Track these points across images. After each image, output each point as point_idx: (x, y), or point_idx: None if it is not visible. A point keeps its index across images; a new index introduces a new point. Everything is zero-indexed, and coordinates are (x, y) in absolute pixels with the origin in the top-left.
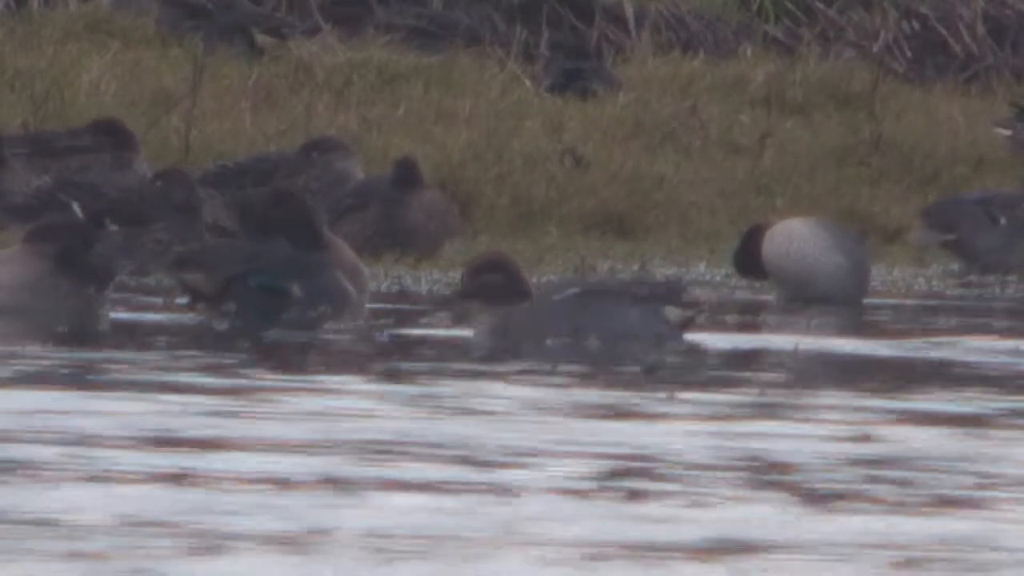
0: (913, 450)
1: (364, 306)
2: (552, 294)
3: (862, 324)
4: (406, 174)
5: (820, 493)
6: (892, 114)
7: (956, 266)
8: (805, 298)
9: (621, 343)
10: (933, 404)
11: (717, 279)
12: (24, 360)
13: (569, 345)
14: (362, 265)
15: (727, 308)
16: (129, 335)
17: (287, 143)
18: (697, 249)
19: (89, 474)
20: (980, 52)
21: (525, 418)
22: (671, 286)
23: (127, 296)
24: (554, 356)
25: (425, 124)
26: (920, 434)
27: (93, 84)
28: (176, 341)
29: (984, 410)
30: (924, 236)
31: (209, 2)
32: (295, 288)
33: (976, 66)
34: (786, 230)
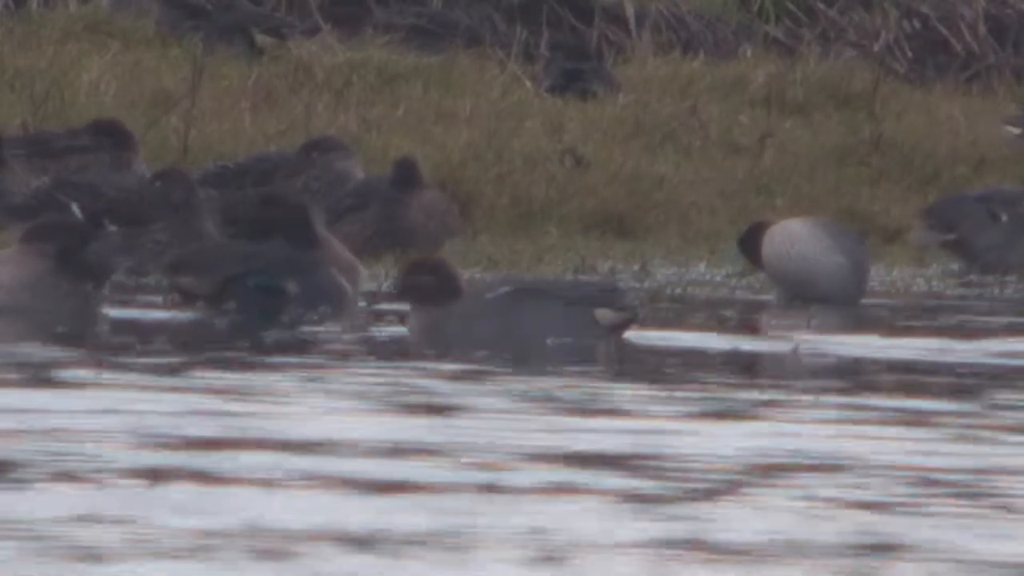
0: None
1: (358, 302)
2: (484, 292)
3: (861, 324)
4: (406, 174)
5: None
6: (892, 114)
7: (956, 266)
8: (804, 297)
9: (549, 343)
10: (933, 404)
11: (717, 279)
12: (25, 359)
13: (499, 344)
14: (356, 261)
15: (728, 307)
16: (129, 334)
17: (287, 143)
18: (697, 249)
19: (90, 473)
20: (981, 52)
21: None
22: (606, 288)
23: (126, 296)
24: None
25: (425, 124)
26: (920, 434)
27: (93, 84)
28: (176, 341)
29: (985, 410)
30: (924, 236)
31: (209, 3)
32: (292, 287)
33: (977, 66)
34: (786, 231)
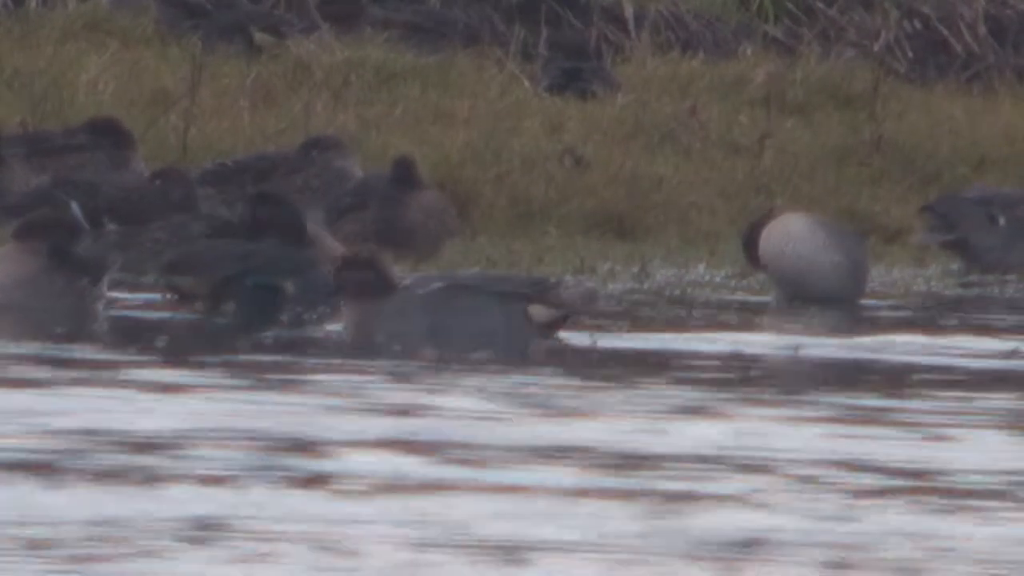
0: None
1: None
2: (417, 288)
3: (862, 325)
4: (404, 174)
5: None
6: (893, 114)
7: (956, 266)
8: (803, 297)
9: (481, 340)
10: (935, 404)
11: (717, 280)
12: (23, 358)
13: (428, 341)
14: None
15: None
16: (129, 334)
17: (286, 142)
18: (697, 250)
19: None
20: (982, 52)
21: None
22: (542, 284)
23: (125, 296)
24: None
25: (423, 124)
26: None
27: (91, 83)
28: (176, 340)
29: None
30: (926, 238)
31: (208, 1)
32: (290, 286)
33: (977, 66)
34: (783, 228)
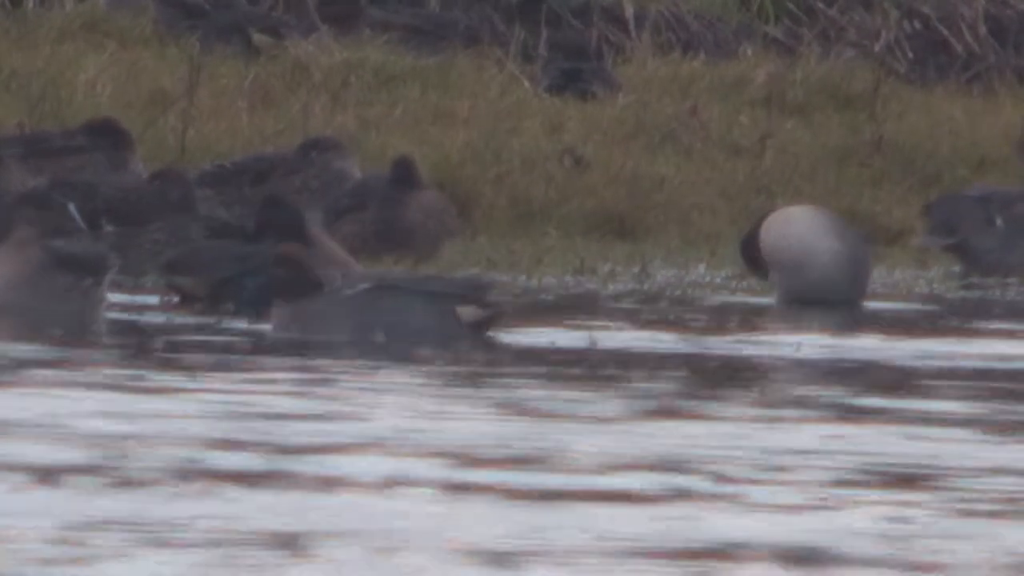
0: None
1: None
2: (345, 289)
3: (862, 325)
4: (404, 174)
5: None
6: (893, 115)
7: (957, 268)
8: (802, 287)
9: (410, 340)
10: (932, 405)
11: (718, 280)
12: (27, 358)
13: (356, 340)
14: (352, 260)
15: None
16: (129, 334)
17: (284, 143)
18: (697, 250)
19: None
20: (982, 52)
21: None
22: (471, 285)
23: (125, 297)
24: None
25: (423, 124)
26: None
27: (89, 84)
28: (176, 340)
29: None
30: (927, 241)
31: (206, 2)
32: None
33: (978, 66)
34: (783, 215)
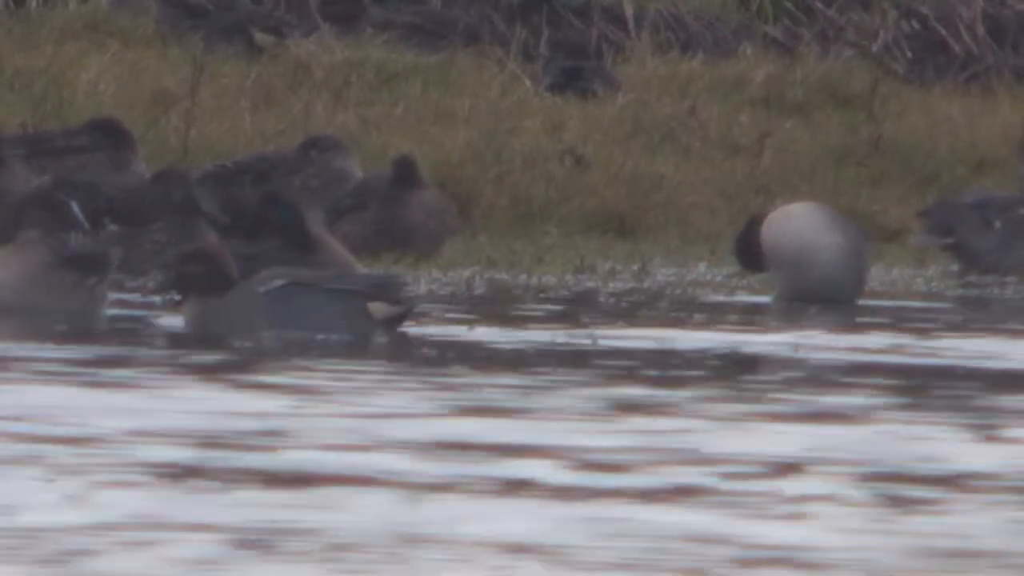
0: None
1: None
2: (257, 285)
3: (861, 324)
4: (405, 173)
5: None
6: (892, 114)
7: (955, 267)
8: (802, 282)
9: (321, 336)
10: (933, 404)
11: (718, 279)
12: (34, 357)
13: (268, 336)
14: (354, 260)
15: (728, 311)
16: (128, 334)
17: (286, 143)
18: (697, 249)
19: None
20: (980, 52)
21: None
22: (384, 281)
23: (125, 296)
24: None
25: (424, 124)
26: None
27: (92, 84)
28: (176, 341)
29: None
30: (924, 240)
31: (208, 2)
32: None
33: (976, 66)
34: (784, 212)
